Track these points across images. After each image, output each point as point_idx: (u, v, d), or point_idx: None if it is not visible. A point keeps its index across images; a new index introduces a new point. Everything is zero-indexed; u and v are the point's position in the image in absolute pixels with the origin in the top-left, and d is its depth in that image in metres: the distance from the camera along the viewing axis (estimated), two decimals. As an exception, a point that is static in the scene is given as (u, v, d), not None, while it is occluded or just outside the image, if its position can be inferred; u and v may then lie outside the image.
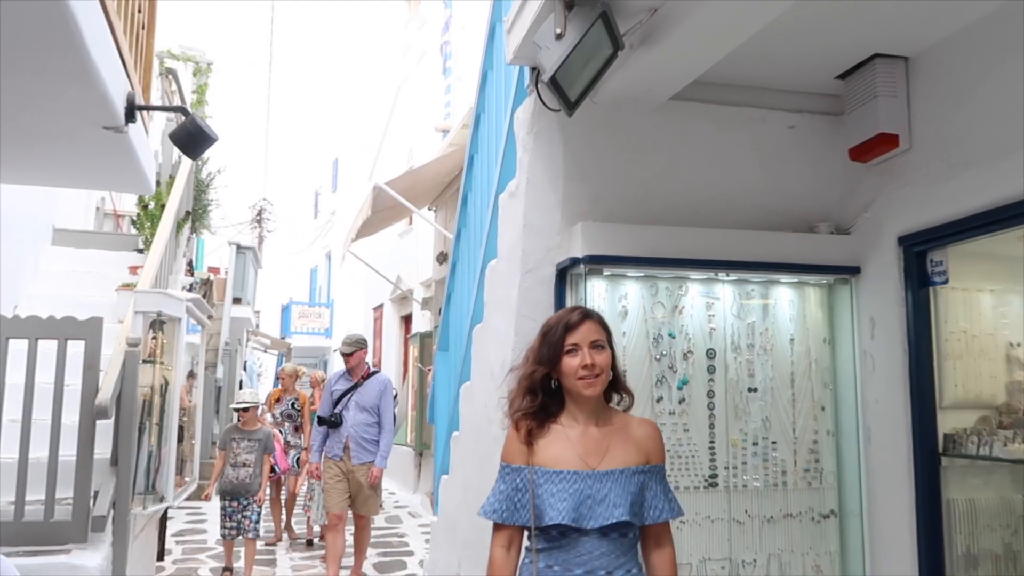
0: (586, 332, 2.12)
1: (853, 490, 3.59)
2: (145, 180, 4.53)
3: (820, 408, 3.69)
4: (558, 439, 2.09)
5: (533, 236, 3.57)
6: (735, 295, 3.67)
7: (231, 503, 6.32)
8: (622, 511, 2.02)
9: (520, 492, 2.05)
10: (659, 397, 3.51)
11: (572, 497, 2.00)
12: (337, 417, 5.98)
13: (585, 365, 2.08)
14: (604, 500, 2.02)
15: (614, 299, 3.55)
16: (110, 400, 4.86)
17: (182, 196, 7.34)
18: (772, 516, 3.56)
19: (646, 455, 2.13)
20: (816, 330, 3.74)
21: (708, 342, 3.61)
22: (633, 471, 2.08)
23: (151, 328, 5.90)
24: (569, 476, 2.02)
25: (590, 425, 2.12)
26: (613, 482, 2.04)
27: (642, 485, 2.08)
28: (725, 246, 3.52)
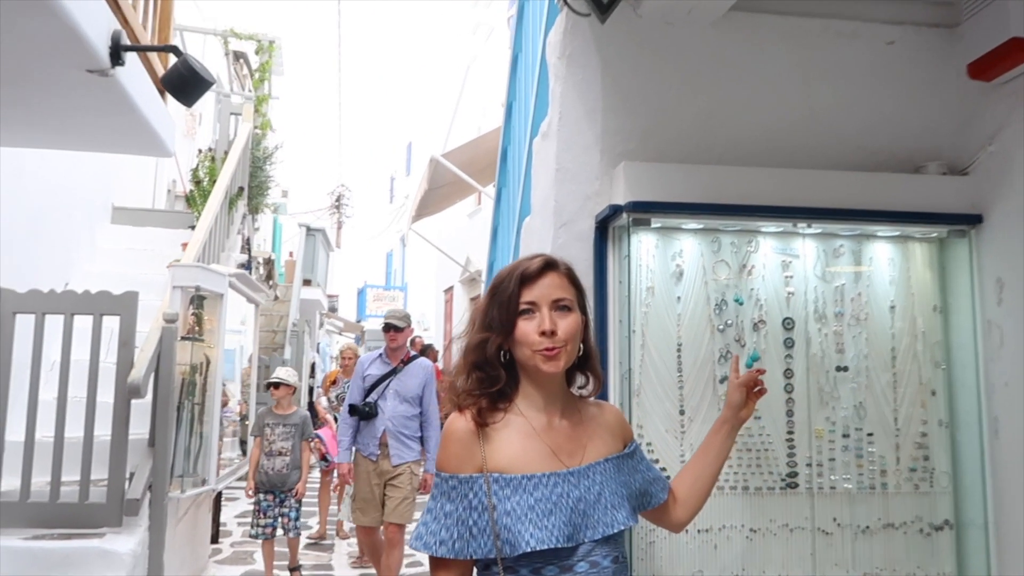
0: (548, 287, 1.52)
1: (974, 495, 2.76)
2: (158, 141, 4.10)
3: (930, 393, 2.86)
4: (518, 432, 1.51)
5: (567, 182, 2.89)
6: (819, 252, 2.88)
7: (266, 496, 5.53)
8: (625, 514, 1.53)
9: (475, 512, 1.43)
10: (723, 377, 2.78)
11: (559, 507, 1.43)
12: (372, 407, 4.90)
13: (544, 331, 1.47)
14: (599, 502, 1.49)
15: (666, 257, 2.83)
16: (143, 378, 4.54)
17: (234, 171, 7.02)
18: (868, 526, 2.77)
19: (622, 439, 1.68)
20: (924, 295, 2.90)
21: (785, 310, 2.84)
22: (619, 457, 1.62)
23: (191, 304, 5.55)
24: (546, 480, 1.45)
25: (554, 413, 1.57)
26: (603, 476, 1.54)
27: (633, 470, 1.66)
28: (807, 190, 2.74)
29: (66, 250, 6.47)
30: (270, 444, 5.54)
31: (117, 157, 7.35)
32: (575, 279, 1.59)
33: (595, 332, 2.79)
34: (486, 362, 1.52)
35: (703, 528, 2.69)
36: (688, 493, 1.77)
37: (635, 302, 2.75)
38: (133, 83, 3.39)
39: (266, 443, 5.56)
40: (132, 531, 4.36)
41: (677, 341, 2.77)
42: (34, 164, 5.70)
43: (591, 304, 2.80)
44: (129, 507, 4.38)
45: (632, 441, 1.70)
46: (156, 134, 4.01)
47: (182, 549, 5.48)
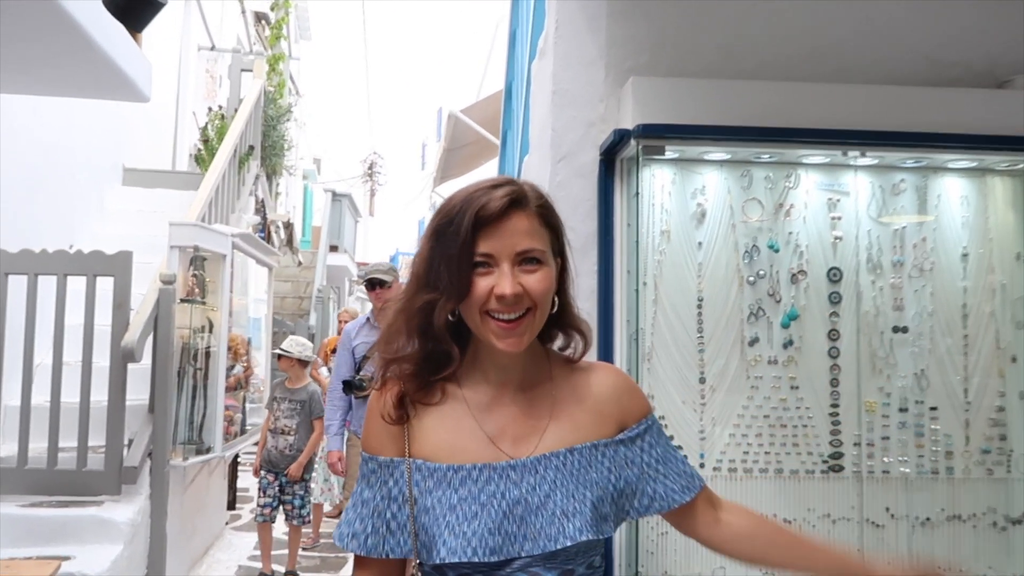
0: (511, 235, 1.04)
1: (1064, 484, 2.21)
2: (130, 84, 3.68)
3: (1009, 359, 2.30)
4: (453, 412, 1.12)
5: (566, 107, 2.38)
6: (874, 188, 2.33)
7: (266, 476, 4.95)
8: (580, 524, 1.05)
9: (395, 504, 1.09)
10: (752, 338, 2.27)
11: (487, 510, 1.05)
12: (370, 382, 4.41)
13: (500, 295, 1.02)
14: (544, 506, 1.05)
15: (685, 195, 2.31)
16: (138, 341, 4.23)
17: (244, 130, 6.63)
18: (929, 518, 2.25)
19: (618, 419, 1.16)
20: (1005, 240, 2.33)
21: (831, 258, 2.30)
22: (594, 447, 1.11)
23: (191, 265, 5.21)
24: (476, 474, 1.07)
25: (508, 387, 1.13)
26: (560, 473, 1.08)
27: (623, 463, 1.13)
28: (861, 110, 2.19)
29: (72, 212, 6.19)
30: (275, 421, 5.01)
31: (129, 117, 7.03)
32: (549, 216, 1.09)
33: (599, 285, 2.30)
34: (434, 334, 1.08)
35: (726, 518, 2.20)
36: (749, 534, 1.21)
37: (647, 249, 2.25)
38: (89, 17, 2.97)
39: (272, 419, 5.04)
40: (132, 499, 4.09)
41: (697, 296, 2.27)
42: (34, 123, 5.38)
43: (592, 255, 2.33)
44: (127, 475, 4.11)
45: (641, 421, 1.17)
46: (126, 76, 3.58)
47: (194, 517, 5.23)
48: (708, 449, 2.22)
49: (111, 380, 4.11)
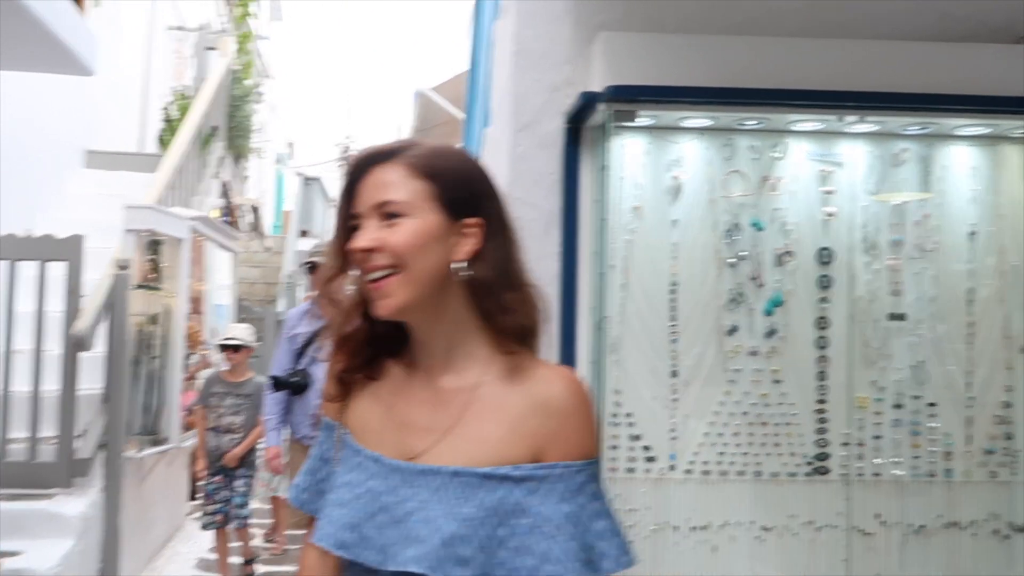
0: (371, 188, 0.93)
1: (1074, 489, 1.99)
2: (72, 57, 3.37)
3: (1018, 350, 2.07)
4: (379, 392, 1.00)
5: (529, 69, 2.11)
6: (872, 159, 2.07)
7: (212, 479, 4.36)
8: (417, 555, 0.87)
9: (327, 466, 1.04)
10: (732, 327, 2.02)
11: (359, 503, 0.94)
12: (302, 376, 3.63)
13: (349, 250, 0.93)
14: (402, 524, 0.90)
15: (659, 167, 2.05)
16: (90, 328, 3.97)
17: (207, 110, 6.31)
18: (924, 525, 2.02)
19: (534, 444, 0.90)
20: (1019, 217, 2.08)
21: (821, 237, 2.05)
22: (484, 477, 0.89)
23: (147, 249, 4.91)
24: (367, 462, 0.96)
25: (424, 372, 0.97)
26: (431, 495, 0.90)
27: (512, 509, 0.88)
28: (860, 69, 1.93)
29: (31, 196, 5.88)
30: (217, 418, 4.36)
31: (93, 98, 6.71)
32: (427, 167, 0.93)
33: (562, 268, 2.04)
34: (336, 296, 1.00)
35: (699, 525, 1.97)
36: None
37: (615, 228, 2.00)
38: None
39: (212, 416, 4.38)
40: (84, 492, 3.88)
41: (671, 279, 2.02)
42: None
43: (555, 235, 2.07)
44: (79, 467, 3.86)
45: (569, 462, 0.90)
46: (67, 49, 3.28)
47: (152, 509, 4.98)
48: (680, 449, 1.98)
49: (63, 369, 3.88)
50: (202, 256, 6.27)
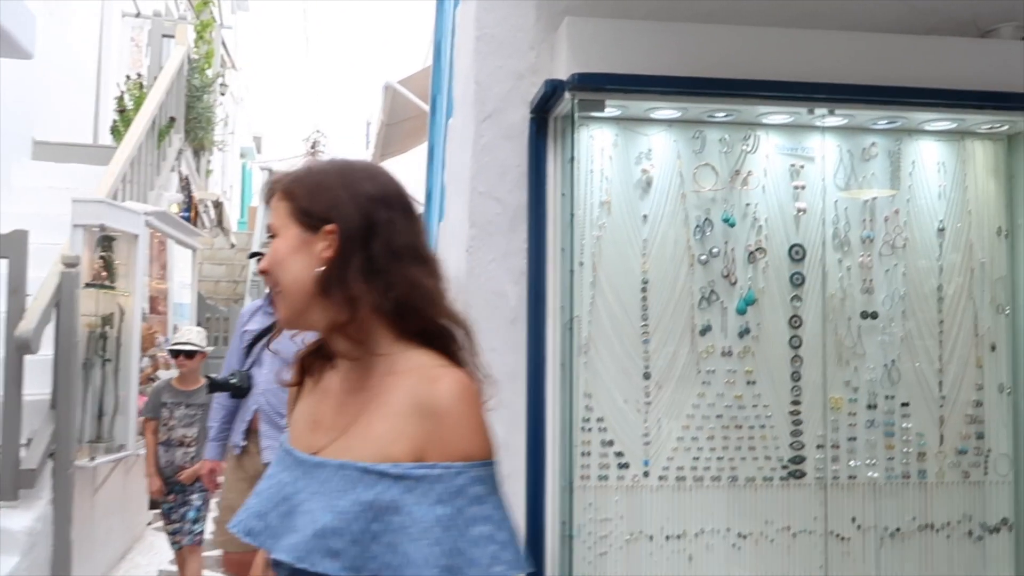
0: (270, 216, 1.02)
1: (1045, 487, 1.95)
2: (7, 37, 3.16)
3: (989, 348, 2.03)
4: (314, 393, 1.05)
5: (492, 55, 1.99)
6: (842, 153, 2.01)
7: (165, 499, 3.99)
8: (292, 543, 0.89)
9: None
10: (704, 327, 1.94)
11: (268, 492, 0.97)
12: (241, 378, 3.23)
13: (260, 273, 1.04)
14: (294, 513, 0.92)
15: (628, 159, 1.96)
16: (35, 330, 3.75)
17: (164, 100, 6.05)
18: (899, 528, 1.97)
19: (417, 445, 0.89)
20: (986, 214, 2.05)
21: (793, 234, 1.99)
22: (367, 471, 0.89)
23: (98, 246, 4.68)
24: (284, 456, 1.01)
25: (340, 374, 1.02)
26: (321, 486, 0.91)
27: (388, 505, 0.87)
28: (829, 61, 1.86)
29: (-36, 188, 5.56)
30: (168, 431, 4.02)
31: (41, 87, 6.39)
32: (290, 187, 0.99)
33: (529, 265, 1.94)
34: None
35: (674, 534, 1.89)
36: None
37: (584, 223, 1.90)
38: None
39: (163, 429, 4.04)
40: (31, 505, 3.70)
41: (642, 277, 1.93)
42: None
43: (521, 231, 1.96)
44: (25, 478, 3.70)
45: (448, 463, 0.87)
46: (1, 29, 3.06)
47: (108, 519, 4.76)
48: (653, 455, 1.89)
49: (6, 373, 3.70)
50: (164, 253, 6.03)
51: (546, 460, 1.86)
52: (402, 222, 0.94)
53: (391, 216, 0.93)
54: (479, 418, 0.90)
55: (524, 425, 1.89)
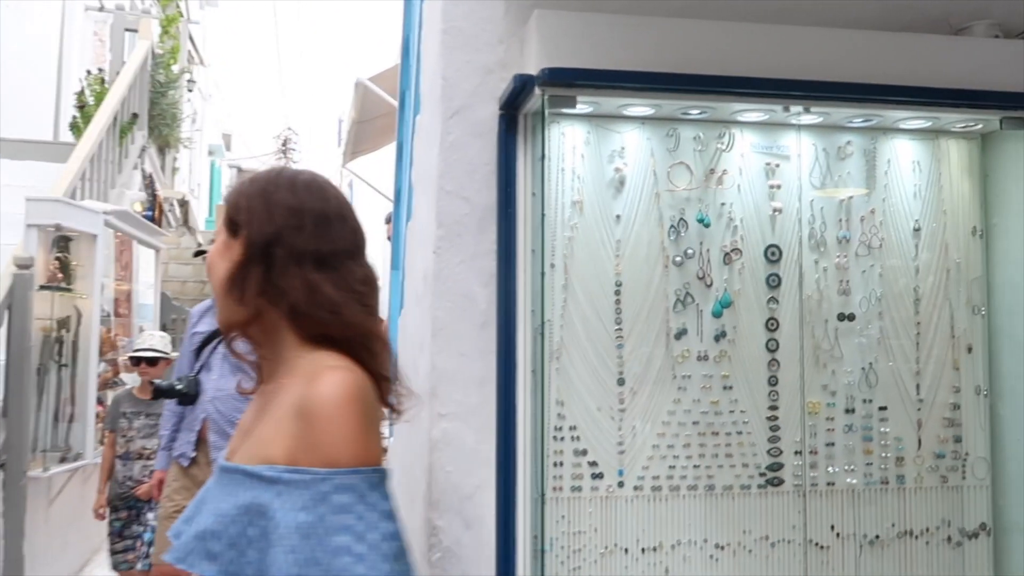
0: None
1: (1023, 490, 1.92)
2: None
3: (965, 349, 2.00)
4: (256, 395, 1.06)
5: (459, 49, 1.91)
6: (818, 152, 1.96)
7: (119, 516, 3.76)
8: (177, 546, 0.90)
9: None
10: (680, 330, 1.87)
11: (195, 499, 0.98)
12: (188, 384, 2.95)
13: None
14: (194, 518, 0.94)
15: (600, 158, 1.89)
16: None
17: (126, 96, 5.86)
18: (878, 535, 1.92)
19: (293, 447, 0.87)
20: (961, 213, 2.02)
21: (769, 234, 1.93)
22: (248, 474, 0.89)
23: (54, 246, 4.50)
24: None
25: (265, 381, 1.03)
26: (217, 490, 0.94)
27: (261, 509, 0.86)
28: (805, 57, 1.81)
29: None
30: (127, 443, 3.79)
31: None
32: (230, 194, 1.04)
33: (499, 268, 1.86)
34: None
35: (650, 546, 1.82)
36: None
37: (555, 224, 1.83)
38: None
39: (121, 441, 3.80)
40: None
41: (615, 279, 1.86)
42: None
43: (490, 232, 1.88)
44: None
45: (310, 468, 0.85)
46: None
47: (65, 531, 4.59)
48: (628, 464, 1.83)
49: (-44, 380, 3.55)
50: (127, 254, 5.84)
51: (517, 471, 1.78)
52: (313, 231, 0.95)
53: (300, 224, 0.95)
54: (354, 423, 0.86)
55: (494, 434, 1.81)
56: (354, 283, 0.95)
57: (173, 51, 7.06)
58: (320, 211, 0.97)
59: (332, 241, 0.96)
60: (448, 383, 1.86)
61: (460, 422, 1.87)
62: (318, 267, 0.94)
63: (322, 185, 1.01)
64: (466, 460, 1.84)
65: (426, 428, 1.89)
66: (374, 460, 0.86)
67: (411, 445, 2.29)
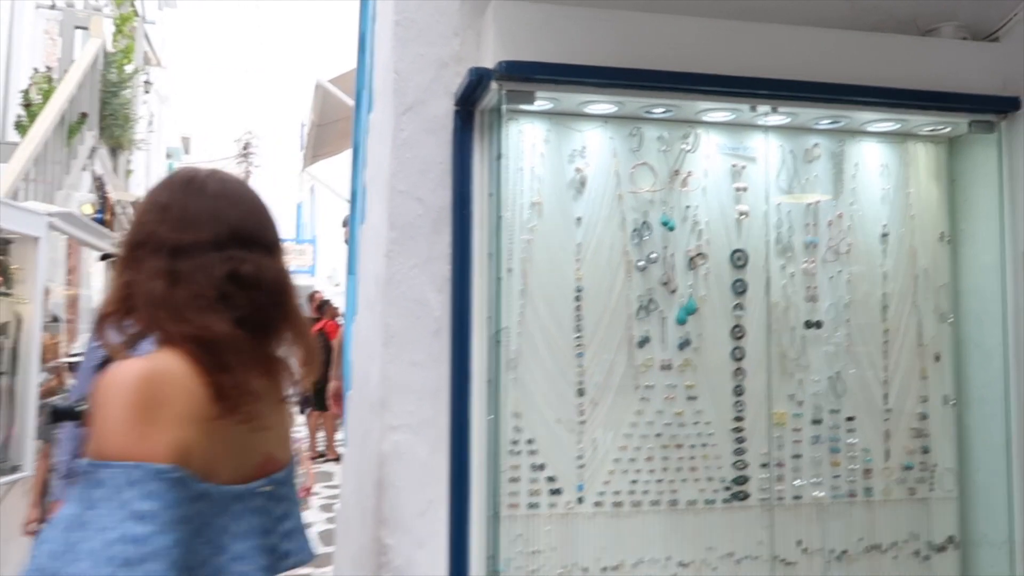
0: None
1: (991, 502, 1.88)
2: None
3: (933, 358, 1.95)
4: None
5: (412, 41, 1.80)
6: (785, 153, 1.90)
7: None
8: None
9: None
10: (642, 338, 1.79)
11: None
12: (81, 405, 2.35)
13: None
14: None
15: (560, 157, 1.80)
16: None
17: (75, 94, 5.62)
18: (846, 550, 1.86)
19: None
20: (928, 218, 1.97)
21: (735, 238, 1.86)
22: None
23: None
24: None
25: None
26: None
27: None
28: (772, 55, 1.75)
29: None
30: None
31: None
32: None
33: (453, 272, 1.76)
34: None
35: (611, 565, 1.73)
36: None
37: (512, 226, 1.74)
38: None
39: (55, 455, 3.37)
40: None
41: (576, 285, 1.77)
42: None
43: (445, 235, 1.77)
44: None
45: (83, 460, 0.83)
46: None
47: (3, 548, 4.32)
48: (588, 479, 1.73)
49: None
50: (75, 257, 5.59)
51: (471, 486, 1.68)
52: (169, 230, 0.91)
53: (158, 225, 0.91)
54: (126, 414, 0.80)
55: (447, 447, 1.71)
56: (212, 281, 0.88)
57: (127, 51, 6.81)
58: (176, 210, 0.92)
59: (195, 234, 0.91)
60: (400, 393, 1.75)
61: (412, 434, 1.76)
62: (172, 260, 0.89)
63: (204, 181, 0.96)
64: (418, 475, 1.73)
65: (376, 441, 1.77)
66: (149, 455, 0.78)
67: (361, 459, 2.17)
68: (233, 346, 0.87)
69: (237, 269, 0.90)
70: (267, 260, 0.95)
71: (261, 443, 0.92)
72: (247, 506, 0.88)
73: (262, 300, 0.91)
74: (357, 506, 2.11)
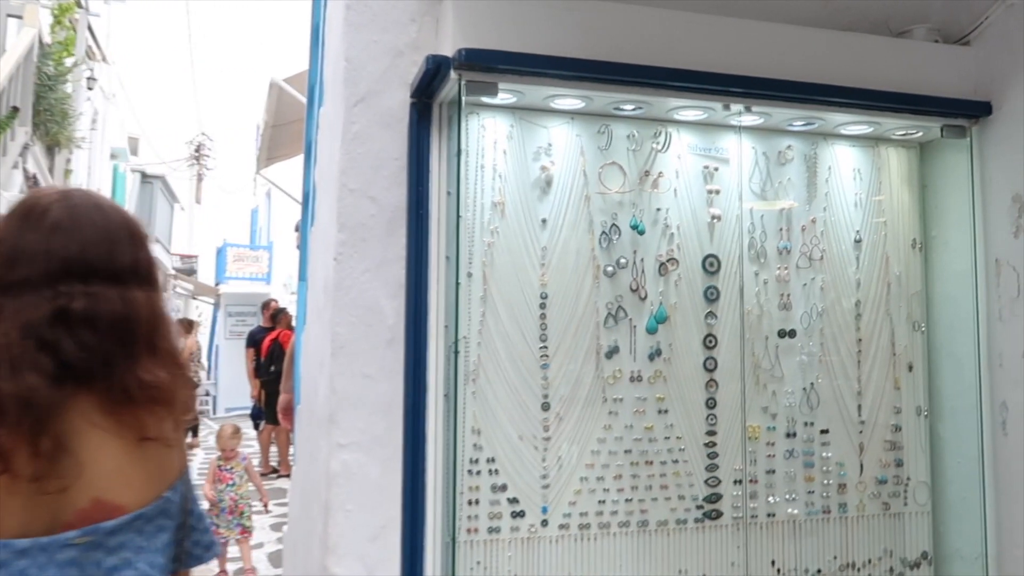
0: None
1: (964, 517, 1.82)
2: None
3: (906, 367, 1.89)
4: None
5: (365, 28, 1.67)
6: (757, 155, 1.83)
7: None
8: None
9: None
10: (611, 348, 1.69)
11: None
12: None
13: None
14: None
15: (525, 154, 1.69)
16: None
17: (5, 88, 5.28)
18: (820, 570, 1.78)
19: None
20: (900, 224, 1.92)
21: (707, 243, 1.77)
22: None
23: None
24: None
25: None
26: None
27: None
28: (746, 51, 1.67)
29: None
30: None
31: None
32: None
33: (408, 276, 1.63)
34: None
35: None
36: None
37: (473, 228, 1.61)
38: None
39: None
40: None
41: (540, 291, 1.66)
42: None
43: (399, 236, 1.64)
44: None
45: None
46: None
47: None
48: (553, 500, 1.62)
49: None
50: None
51: (426, 509, 1.55)
52: (15, 253, 0.85)
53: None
54: None
55: (400, 467, 1.57)
56: (31, 327, 0.80)
57: (67, 43, 6.48)
58: (13, 235, 0.86)
59: (25, 271, 0.83)
60: (349, 408, 1.61)
61: (363, 453, 1.62)
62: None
63: (44, 210, 0.87)
64: (369, 497, 1.59)
65: (324, 460, 1.62)
66: None
67: (308, 479, 2.01)
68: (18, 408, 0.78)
69: (66, 306, 0.80)
70: (111, 292, 0.83)
71: (82, 489, 0.78)
72: (50, 559, 0.75)
73: (91, 341, 0.81)
74: (304, 530, 1.95)
